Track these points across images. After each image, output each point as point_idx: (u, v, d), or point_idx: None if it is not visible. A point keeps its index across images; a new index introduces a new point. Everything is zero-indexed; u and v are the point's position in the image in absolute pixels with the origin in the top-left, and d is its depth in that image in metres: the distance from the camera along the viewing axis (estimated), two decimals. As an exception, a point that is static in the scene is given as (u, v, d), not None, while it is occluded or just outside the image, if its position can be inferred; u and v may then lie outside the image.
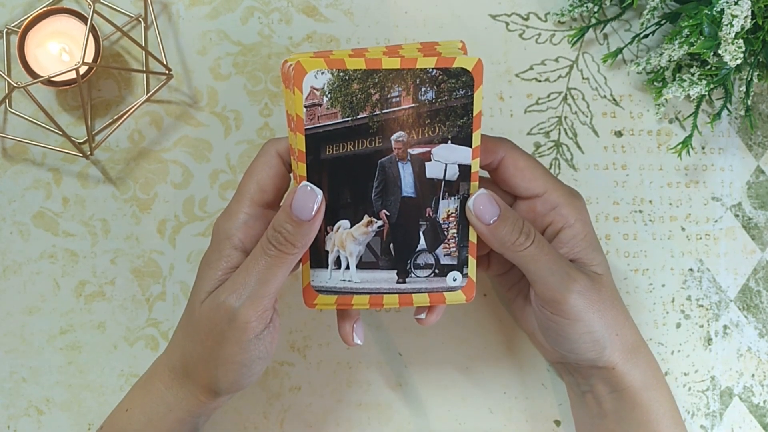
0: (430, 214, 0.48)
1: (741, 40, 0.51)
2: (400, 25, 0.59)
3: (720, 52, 0.51)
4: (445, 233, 0.48)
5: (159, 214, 0.59)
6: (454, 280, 0.48)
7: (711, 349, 0.60)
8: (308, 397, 0.59)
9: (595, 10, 0.59)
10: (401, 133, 0.46)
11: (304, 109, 0.45)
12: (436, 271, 0.48)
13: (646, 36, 0.59)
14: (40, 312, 0.58)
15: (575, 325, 0.48)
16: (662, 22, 0.58)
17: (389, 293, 0.48)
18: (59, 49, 0.55)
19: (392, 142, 0.46)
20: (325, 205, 0.45)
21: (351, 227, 0.47)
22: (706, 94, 0.58)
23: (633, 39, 0.59)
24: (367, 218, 0.47)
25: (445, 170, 0.47)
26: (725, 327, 0.60)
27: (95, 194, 0.58)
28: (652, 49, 0.60)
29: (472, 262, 0.48)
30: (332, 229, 0.47)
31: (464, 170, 0.47)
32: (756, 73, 0.56)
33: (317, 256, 0.47)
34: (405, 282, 0.48)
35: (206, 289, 0.47)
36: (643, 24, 0.58)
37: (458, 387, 0.59)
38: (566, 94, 0.60)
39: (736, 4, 0.50)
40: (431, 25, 0.59)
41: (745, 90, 0.57)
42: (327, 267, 0.47)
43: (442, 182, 0.47)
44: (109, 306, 0.58)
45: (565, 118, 0.60)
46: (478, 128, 0.47)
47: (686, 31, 0.54)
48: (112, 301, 0.58)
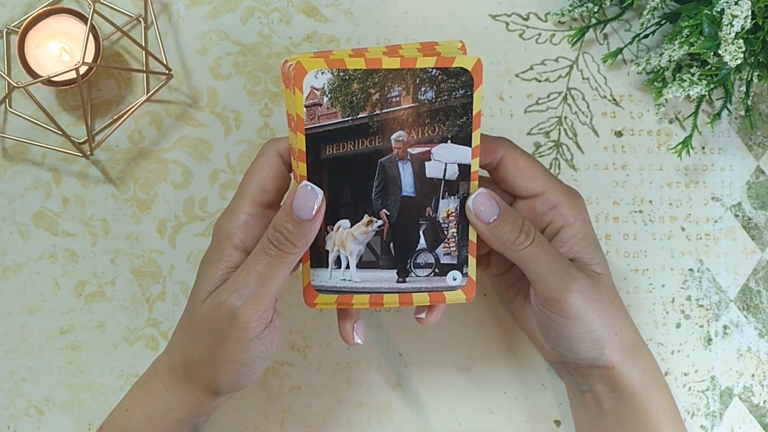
0: (430, 214, 0.48)
1: (741, 40, 0.51)
2: (400, 25, 0.59)
3: (720, 52, 0.51)
4: (445, 233, 0.48)
5: (159, 214, 0.59)
6: (454, 280, 0.48)
7: (711, 349, 0.60)
8: (308, 397, 0.59)
9: (595, 10, 0.59)
10: (401, 132, 0.46)
11: (305, 109, 0.45)
12: (436, 271, 0.48)
13: (646, 36, 0.59)
14: (40, 312, 0.58)
15: (575, 325, 0.48)
16: (662, 22, 0.58)
17: (389, 293, 0.48)
18: (59, 49, 0.55)
19: (392, 142, 0.46)
20: (325, 204, 0.45)
21: (351, 227, 0.47)
22: (706, 94, 0.58)
23: (633, 39, 0.59)
24: (367, 218, 0.47)
25: (445, 170, 0.47)
26: (725, 327, 0.60)
27: (95, 194, 0.58)
28: (652, 49, 0.60)
29: (472, 261, 0.48)
30: (332, 229, 0.47)
31: (464, 170, 0.47)
32: (756, 73, 0.56)
33: (317, 256, 0.47)
34: (405, 281, 0.48)
35: (207, 288, 0.47)
36: (643, 24, 0.58)
37: (458, 387, 0.59)
38: (566, 94, 0.60)
39: (736, 4, 0.50)
40: (431, 25, 0.59)
41: (745, 90, 0.57)
42: (327, 266, 0.47)
43: (442, 182, 0.47)
44: (109, 306, 0.58)
45: (565, 118, 0.60)
46: (478, 128, 0.47)
47: (686, 31, 0.54)
48: (112, 301, 0.58)
